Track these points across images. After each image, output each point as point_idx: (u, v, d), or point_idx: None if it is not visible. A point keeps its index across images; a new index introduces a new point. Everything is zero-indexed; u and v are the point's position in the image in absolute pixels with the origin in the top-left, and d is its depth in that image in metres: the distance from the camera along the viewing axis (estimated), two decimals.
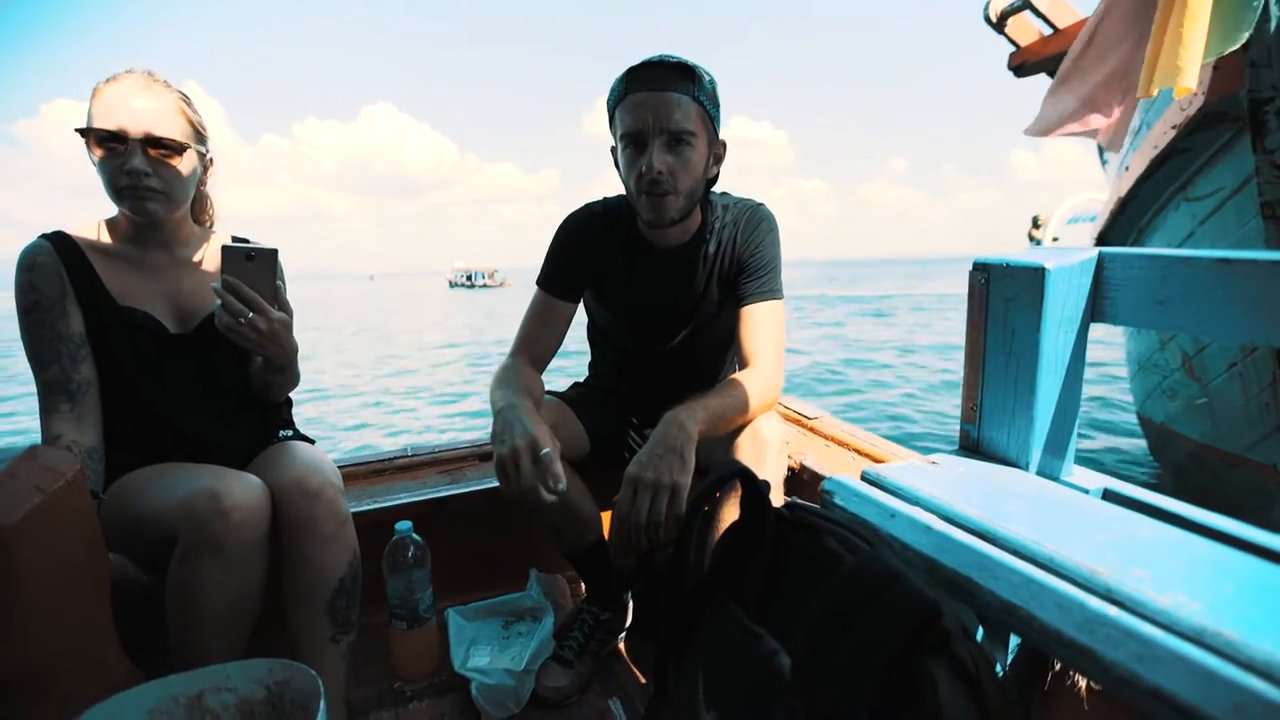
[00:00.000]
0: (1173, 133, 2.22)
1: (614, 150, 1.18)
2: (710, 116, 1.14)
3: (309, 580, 1.02)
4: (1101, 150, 3.51)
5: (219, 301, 1.00)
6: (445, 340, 15.30)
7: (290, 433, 1.26)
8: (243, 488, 0.96)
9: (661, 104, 1.08)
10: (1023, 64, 3.73)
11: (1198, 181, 2.40)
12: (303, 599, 1.02)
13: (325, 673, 1.03)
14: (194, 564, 0.92)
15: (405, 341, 15.10)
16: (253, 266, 1.01)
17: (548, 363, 1.29)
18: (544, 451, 0.97)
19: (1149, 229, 2.90)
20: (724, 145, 1.21)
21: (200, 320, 1.14)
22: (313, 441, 1.24)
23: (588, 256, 1.27)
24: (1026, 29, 3.68)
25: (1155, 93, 1.56)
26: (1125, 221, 2.97)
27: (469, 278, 66.49)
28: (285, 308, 1.06)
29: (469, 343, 14.70)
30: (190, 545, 0.91)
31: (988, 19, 3.63)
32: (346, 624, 1.06)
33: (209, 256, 1.18)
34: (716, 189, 1.28)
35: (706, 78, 1.13)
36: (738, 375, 1.15)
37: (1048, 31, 3.58)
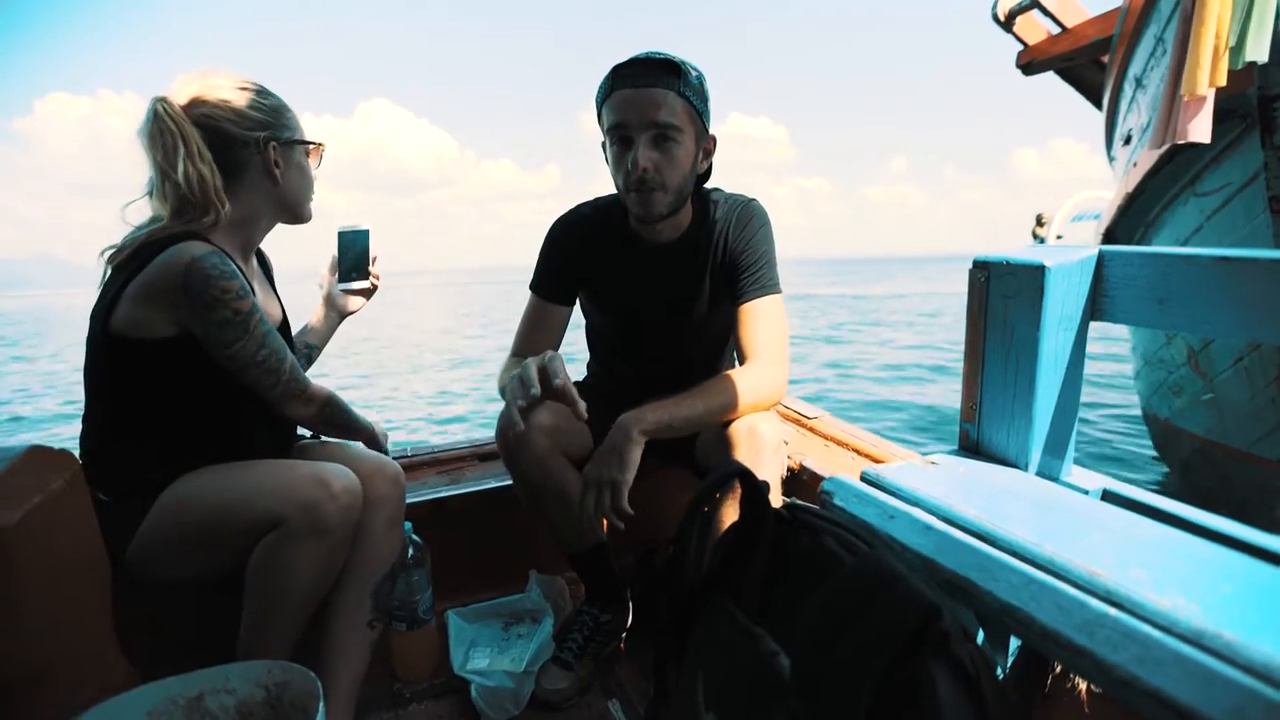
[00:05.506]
0: None
1: (604, 147, 1.18)
2: (698, 111, 1.13)
3: (367, 556, 1.07)
4: (1109, 148, 3.50)
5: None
6: (435, 338, 15.35)
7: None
8: (342, 475, 1.00)
9: (647, 100, 1.08)
10: (1031, 62, 3.71)
11: (1206, 177, 2.40)
12: (355, 576, 1.06)
13: (350, 657, 1.06)
14: (297, 545, 0.95)
15: (399, 339, 15.14)
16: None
17: None
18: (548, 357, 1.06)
19: (1156, 224, 2.90)
20: (714, 140, 1.20)
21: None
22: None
23: (578, 258, 1.27)
24: (1034, 27, 3.66)
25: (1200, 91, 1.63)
26: (1132, 216, 2.97)
27: None
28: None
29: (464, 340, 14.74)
30: (297, 527, 0.94)
31: (995, 17, 3.61)
32: (382, 612, 1.10)
33: (258, 271, 1.19)
34: (709, 184, 1.27)
35: (693, 73, 1.12)
36: (729, 371, 1.15)
37: (1056, 30, 3.56)
